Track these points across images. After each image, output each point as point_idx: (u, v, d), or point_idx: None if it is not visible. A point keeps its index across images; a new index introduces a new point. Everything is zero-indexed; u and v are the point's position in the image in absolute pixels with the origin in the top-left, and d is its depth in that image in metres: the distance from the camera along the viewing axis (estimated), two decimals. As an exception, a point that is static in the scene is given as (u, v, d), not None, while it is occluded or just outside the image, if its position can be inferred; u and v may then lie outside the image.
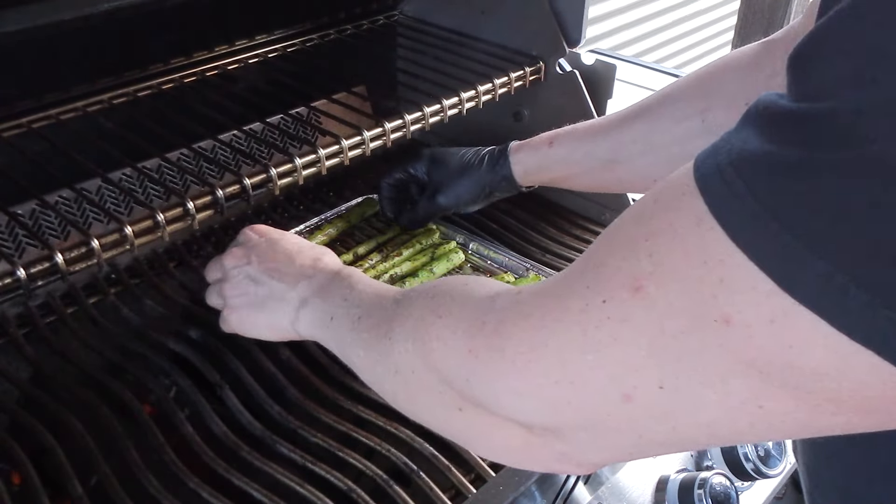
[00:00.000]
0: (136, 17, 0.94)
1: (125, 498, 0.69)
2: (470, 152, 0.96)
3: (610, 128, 0.84)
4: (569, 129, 0.88)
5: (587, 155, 0.85)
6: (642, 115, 0.82)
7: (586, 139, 0.86)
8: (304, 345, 0.88)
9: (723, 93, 0.75)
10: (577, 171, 0.90)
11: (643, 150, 0.82)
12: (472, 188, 0.96)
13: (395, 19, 1.26)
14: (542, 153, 0.89)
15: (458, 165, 0.96)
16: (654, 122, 0.80)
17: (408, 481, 0.73)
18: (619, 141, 0.83)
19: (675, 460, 0.91)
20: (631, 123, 0.82)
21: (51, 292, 0.95)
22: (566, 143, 0.87)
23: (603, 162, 0.85)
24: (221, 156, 1.09)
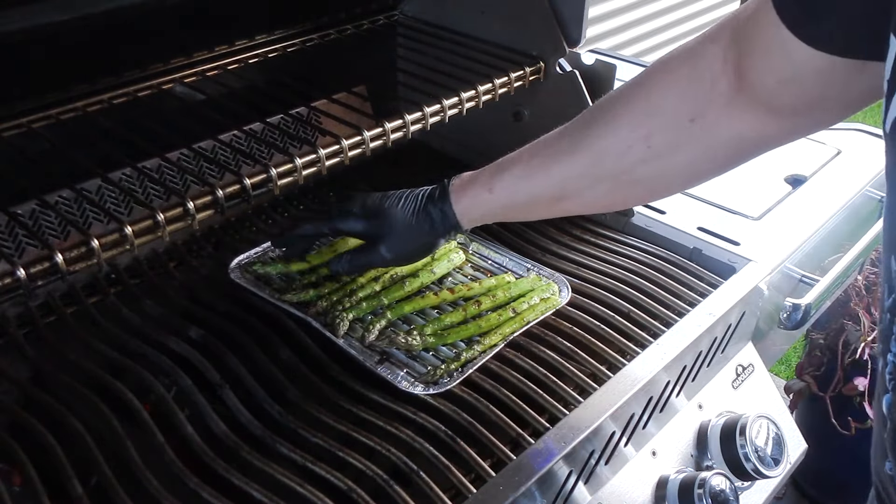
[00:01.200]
0: (136, 17, 0.94)
1: (125, 498, 0.69)
2: (405, 203, 0.88)
3: (549, 162, 0.79)
4: (506, 163, 0.83)
5: (531, 196, 0.82)
6: (583, 145, 0.77)
7: (526, 179, 0.81)
8: (303, 344, 0.88)
9: (665, 113, 0.72)
10: (522, 212, 0.88)
11: (590, 184, 0.79)
12: (417, 244, 0.89)
13: (395, 19, 1.26)
14: (483, 200, 0.84)
15: (399, 222, 0.87)
16: (598, 154, 0.76)
17: (408, 481, 0.73)
18: (563, 177, 0.79)
19: (676, 460, 0.91)
20: (571, 156, 0.78)
21: (51, 292, 0.95)
22: (507, 187, 0.82)
23: (548, 199, 0.82)
24: (221, 156, 1.09)
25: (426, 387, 0.83)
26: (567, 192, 0.80)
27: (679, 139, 0.73)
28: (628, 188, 0.80)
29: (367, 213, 0.89)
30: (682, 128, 0.72)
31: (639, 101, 0.75)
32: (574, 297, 0.97)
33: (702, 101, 0.71)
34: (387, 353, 0.88)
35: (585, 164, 0.78)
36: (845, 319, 1.70)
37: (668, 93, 0.72)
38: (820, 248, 1.15)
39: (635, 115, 0.74)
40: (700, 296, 0.99)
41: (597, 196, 0.81)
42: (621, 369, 0.86)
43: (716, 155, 0.74)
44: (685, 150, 0.74)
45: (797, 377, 1.81)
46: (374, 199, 0.90)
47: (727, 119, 0.70)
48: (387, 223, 0.88)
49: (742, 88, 0.69)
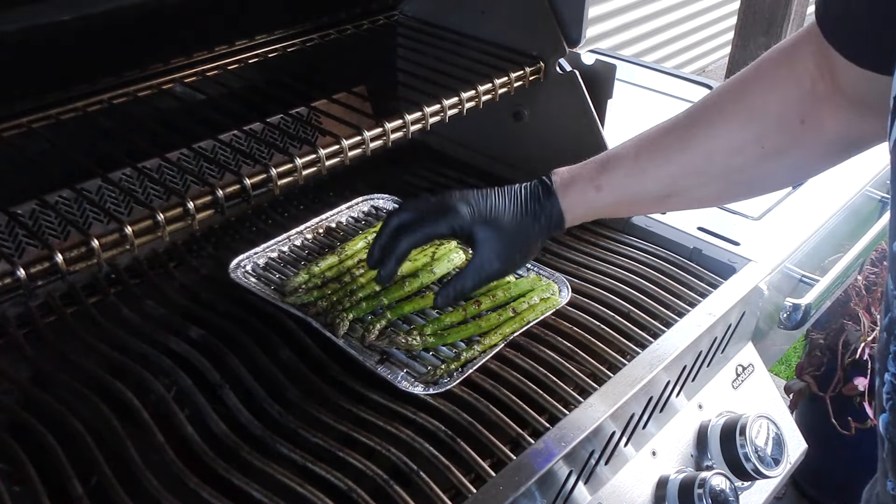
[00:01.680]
0: (136, 17, 0.94)
1: (125, 498, 0.69)
2: (514, 202, 0.83)
3: (659, 160, 0.78)
4: (612, 161, 0.81)
5: (639, 194, 0.81)
6: (693, 144, 0.77)
7: (634, 176, 0.80)
8: (303, 344, 0.88)
9: (773, 114, 0.73)
10: (627, 209, 0.88)
11: (700, 183, 0.79)
12: (525, 247, 0.84)
13: (395, 19, 1.26)
14: (590, 198, 0.82)
15: (508, 221, 0.82)
16: (709, 152, 0.76)
17: (408, 481, 0.73)
18: (671, 175, 0.79)
19: (675, 460, 0.91)
20: (681, 155, 0.77)
21: (51, 292, 0.95)
22: (614, 185, 0.81)
23: (656, 197, 0.82)
24: (221, 156, 1.09)
25: (426, 387, 0.83)
26: (676, 190, 0.80)
27: (791, 140, 0.74)
28: (737, 187, 0.81)
29: (478, 213, 0.82)
30: (795, 128, 0.73)
31: (745, 101, 0.75)
32: (574, 297, 0.97)
33: (807, 101, 0.71)
34: (387, 353, 0.88)
35: (695, 164, 0.78)
36: (845, 319, 1.70)
37: (774, 94, 0.73)
38: (820, 248, 1.15)
39: (744, 114, 0.75)
40: (700, 296, 0.99)
41: (706, 194, 0.81)
42: (621, 369, 0.85)
43: (824, 153, 0.75)
44: (797, 150, 0.74)
45: (797, 377, 1.81)
46: (477, 199, 0.83)
47: (833, 118, 0.71)
48: (497, 227, 0.82)
49: (837, 89, 0.69)
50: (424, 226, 0.82)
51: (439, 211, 0.82)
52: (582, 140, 1.10)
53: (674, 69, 1.62)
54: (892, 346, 0.53)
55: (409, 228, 0.83)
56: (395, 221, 0.83)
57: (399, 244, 0.83)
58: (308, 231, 1.08)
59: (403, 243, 0.82)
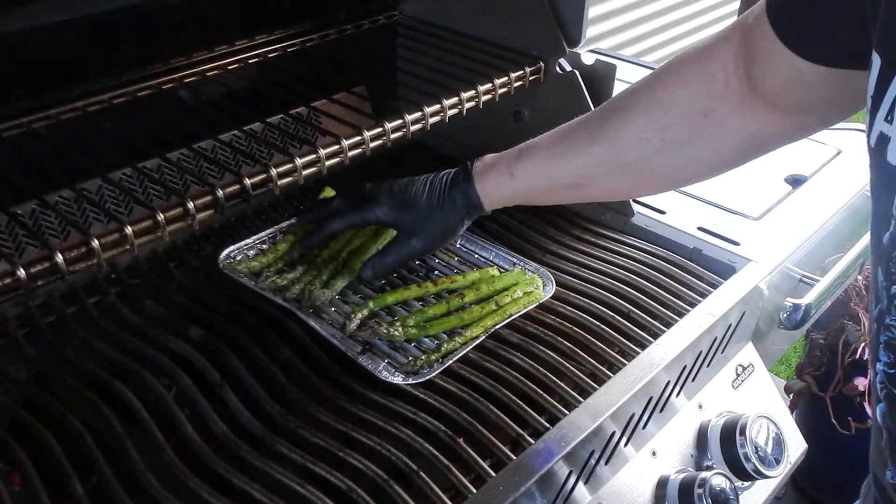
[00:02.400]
0: (137, 17, 0.94)
1: (125, 498, 0.69)
2: (431, 188, 0.90)
3: (570, 150, 0.83)
4: (527, 149, 0.86)
5: (550, 182, 0.85)
6: (601, 135, 0.80)
7: (546, 166, 0.84)
8: (303, 345, 0.88)
9: (678, 107, 0.76)
10: (541, 197, 0.91)
11: (607, 172, 0.82)
12: (444, 227, 0.91)
13: (395, 19, 1.26)
14: (504, 184, 0.87)
15: (425, 206, 0.90)
16: (615, 144, 0.80)
17: (408, 481, 0.73)
18: (581, 165, 0.82)
19: (675, 460, 0.91)
20: (590, 146, 0.81)
21: (51, 292, 0.95)
22: (527, 173, 0.85)
23: (567, 186, 0.85)
24: (221, 156, 1.09)
25: (406, 377, 0.84)
26: (585, 181, 0.84)
27: (693, 133, 0.76)
28: (643, 178, 0.83)
29: (397, 202, 0.90)
30: (696, 122, 0.75)
31: (655, 95, 0.78)
32: (574, 297, 0.97)
33: (715, 97, 0.73)
34: (369, 343, 0.89)
35: (603, 154, 0.81)
36: (845, 319, 1.70)
37: (683, 88, 0.75)
38: (820, 248, 1.15)
39: (652, 107, 0.77)
40: (700, 296, 0.99)
41: (613, 185, 0.85)
42: (621, 369, 0.86)
43: (729, 149, 0.76)
44: (699, 144, 0.76)
45: (797, 377, 1.81)
46: (400, 187, 0.91)
47: (740, 116, 0.73)
48: (417, 212, 0.90)
49: (752, 87, 0.71)
50: (352, 214, 0.93)
51: (365, 201, 0.92)
52: (582, 140, 1.10)
53: (674, 69, 1.62)
54: (882, 337, 0.53)
55: (342, 214, 0.93)
56: (332, 206, 0.95)
57: (330, 224, 0.94)
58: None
59: (334, 224, 0.93)
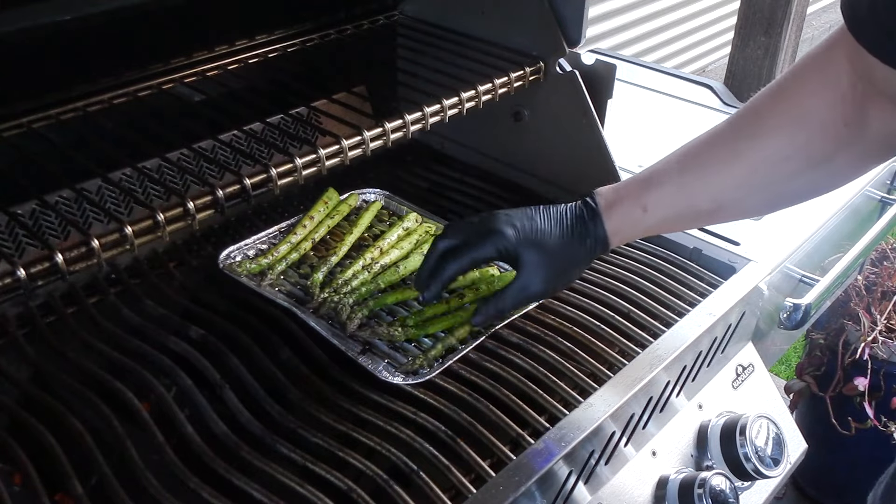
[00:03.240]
0: (136, 17, 0.94)
1: (125, 498, 0.69)
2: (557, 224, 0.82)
3: (705, 175, 0.77)
4: (655, 179, 0.80)
5: (686, 210, 0.80)
6: (737, 156, 0.76)
7: (681, 193, 0.78)
8: (303, 345, 0.88)
9: (816, 119, 0.72)
10: (675, 226, 0.87)
11: (747, 195, 0.78)
12: (571, 268, 0.84)
13: (395, 19, 1.26)
14: (636, 219, 0.81)
15: (554, 243, 0.81)
16: (754, 164, 0.75)
17: (408, 481, 0.73)
18: (718, 189, 0.78)
19: (676, 460, 0.91)
20: (727, 167, 0.76)
21: (51, 292, 0.95)
22: (661, 203, 0.79)
23: (704, 213, 0.81)
24: (221, 156, 1.09)
25: (406, 377, 0.84)
26: (724, 204, 0.79)
27: (835, 145, 0.73)
28: (784, 196, 0.80)
29: (522, 236, 0.81)
30: (837, 133, 0.72)
31: (787, 109, 0.74)
32: (574, 297, 0.97)
33: (848, 103, 0.71)
34: (369, 343, 0.89)
35: (742, 176, 0.76)
36: (845, 319, 1.70)
37: (814, 98, 0.72)
38: (820, 248, 1.15)
39: (787, 122, 0.74)
40: (700, 296, 0.99)
41: (753, 205, 0.81)
42: (621, 369, 0.86)
43: (868, 155, 0.74)
44: (841, 155, 0.73)
45: (797, 377, 1.81)
46: (522, 220, 0.82)
47: (876, 118, 0.70)
48: (543, 248, 0.81)
49: (876, 89, 0.69)
50: (470, 250, 0.82)
51: (484, 234, 0.81)
52: (582, 140, 1.10)
53: (674, 69, 1.62)
54: None
55: (455, 253, 0.83)
56: (442, 246, 0.84)
57: (445, 270, 0.83)
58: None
59: (449, 269, 0.83)
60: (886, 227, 1.22)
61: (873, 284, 1.70)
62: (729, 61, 2.74)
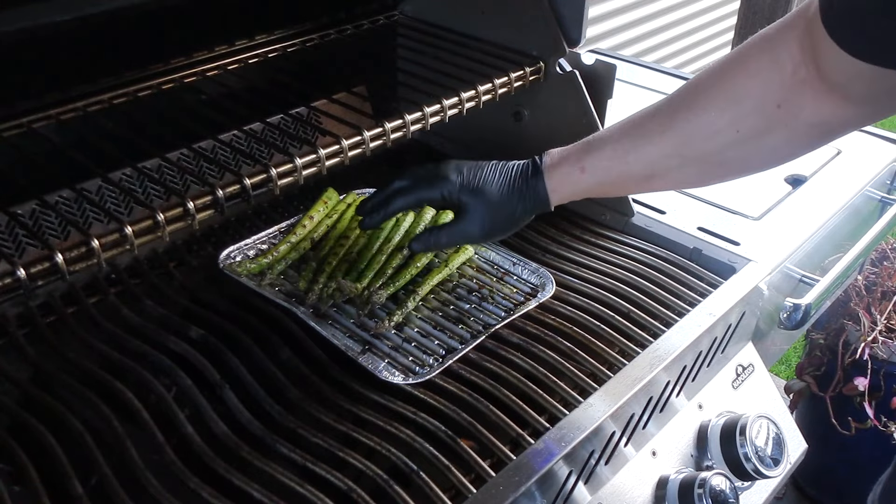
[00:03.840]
0: (136, 17, 0.94)
1: (125, 498, 0.69)
2: (501, 176, 0.88)
3: (641, 143, 0.82)
4: (596, 143, 0.85)
5: (621, 175, 0.84)
6: (672, 127, 0.80)
7: (617, 159, 0.83)
8: (304, 345, 0.88)
9: (751, 99, 0.75)
10: (610, 190, 0.90)
11: (679, 164, 0.81)
12: (508, 220, 0.89)
13: (395, 19, 1.26)
14: (574, 179, 0.86)
15: (495, 197, 0.87)
16: (687, 137, 0.79)
17: (408, 481, 0.73)
18: (652, 157, 0.82)
19: (676, 460, 0.91)
20: (661, 137, 0.81)
21: (51, 292, 0.95)
22: (598, 166, 0.84)
23: (638, 178, 0.85)
24: (221, 156, 1.09)
25: (406, 377, 0.84)
26: (657, 172, 0.83)
27: (766, 124, 0.75)
28: (714, 169, 0.83)
29: (466, 182, 0.88)
30: (770, 113, 0.74)
31: (725, 86, 0.77)
32: (574, 297, 0.98)
33: (786, 86, 0.73)
34: (369, 343, 0.89)
35: (674, 146, 0.80)
36: (845, 319, 1.70)
37: (753, 79, 0.74)
38: (820, 248, 1.15)
39: (722, 99, 0.77)
40: (700, 296, 0.99)
41: (684, 176, 0.84)
42: (621, 369, 0.86)
43: (802, 137, 0.76)
44: (772, 134, 0.76)
45: (797, 377, 1.81)
46: (470, 169, 0.89)
47: (812, 105, 0.72)
48: (484, 197, 0.87)
49: (820, 76, 0.70)
50: (418, 191, 0.89)
51: (432, 178, 0.88)
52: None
53: (674, 69, 1.62)
54: None
55: (404, 192, 0.90)
56: (395, 185, 0.91)
57: (392, 203, 0.90)
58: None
59: (397, 203, 0.90)
60: (886, 227, 1.23)
61: (873, 284, 1.70)
62: (729, 61, 2.74)
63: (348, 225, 1.06)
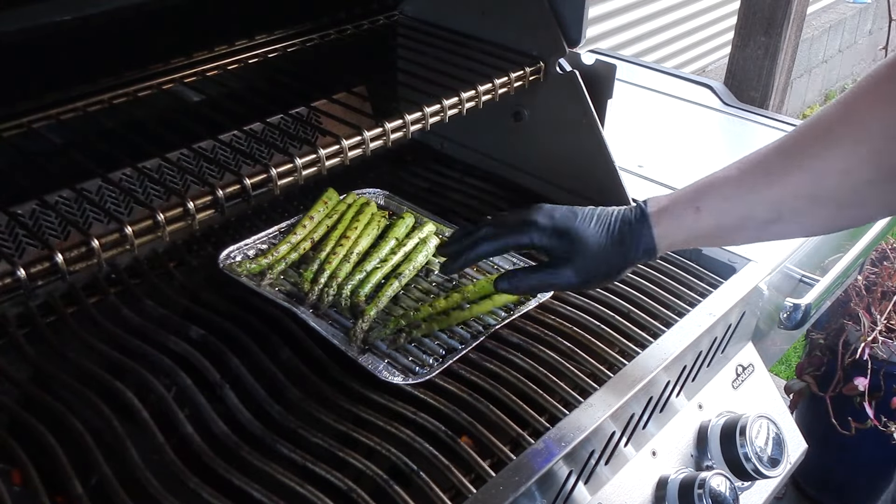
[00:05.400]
0: (136, 17, 0.94)
1: (125, 498, 0.69)
2: (599, 222, 0.81)
3: (765, 181, 0.74)
4: (712, 183, 0.77)
5: (742, 218, 0.76)
6: (802, 161, 0.72)
7: (738, 198, 0.75)
8: (304, 345, 0.88)
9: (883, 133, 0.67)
10: (729, 237, 0.81)
11: (808, 206, 0.73)
12: (608, 269, 0.81)
13: (395, 19, 1.26)
14: (688, 223, 0.78)
15: (592, 243, 0.80)
16: (818, 173, 0.71)
17: (408, 481, 0.73)
18: (778, 197, 0.73)
19: (676, 460, 0.91)
20: (788, 175, 0.72)
21: (51, 292, 0.95)
22: (715, 207, 0.76)
23: (760, 223, 0.76)
24: (221, 156, 1.09)
25: (406, 377, 0.84)
26: (783, 215, 0.75)
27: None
28: (849, 211, 0.74)
29: (557, 228, 0.81)
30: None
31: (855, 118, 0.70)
32: (574, 297, 0.98)
33: None
34: (369, 344, 0.89)
35: (803, 183, 0.72)
36: (845, 319, 1.71)
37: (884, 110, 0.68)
38: (820, 248, 1.15)
39: (855, 132, 0.69)
40: (700, 296, 0.99)
41: (815, 220, 0.75)
42: (621, 369, 0.86)
43: None
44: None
45: (797, 377, 1.81)
46: (563, 214, 0.82)
47: None
48: (578, 243, 0.80)
49: None
50: (505, 236, 0.84)
51: (521, 225, 0.83)
52: (582, 140, 1.10)
53: (674, 69, 1.62)
54: None
55: (490, 238, 0.84)
56: (482, 232, 0.85)
57: (477, 249, 0.84)
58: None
59: (481, 248, 0.84)
60: (886, 227, 1.23)
61: (873, 284, 1.70)
62: (729, 61, 2.74)
63: (349, 225, 1.06)
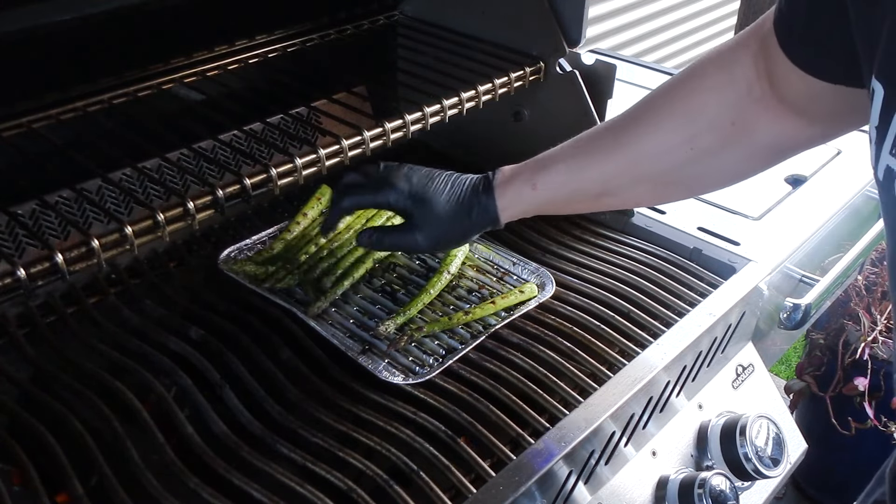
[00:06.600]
0: (136, 17, 0.94)
1: (125, 498, 0.69)
2: (453, 190, 0.86)
3: (593, 160, 0.80)
4: (548, 161, 0.83)
5: (573, 192, 0.82)
6: (624, 143, 0.78)
7: (569, 175, 0.81)
8: (304, 345, 0.88)
9: (705, 116, 0.74)
10: (563, 207, 0.89)
11: (632, 182, 0.80)
12: (455, 235, 0.87)
13: (395, 19, 1.26)
14: (526, 196, 0.84)
15: (443, 209, 0.85)
16: (639, 154, 0.78)
17: (408, 481, 0.73)
18: (604, 175, 0.80)
19: (676, 460, 0.91)
20: (613, 154, 0.79)
21: (51, 292, 0.95)
22: (549, 183, 0.82)
23: (589, 196, 0.83)
24: (221, 156, 1.09)
25: (406, 377, 0.84)
26: (609, 190, 0.82)
27: (721, 142, 0.75)
28: (668, 188, 0.82)
29: (415, 192, 0.85)
30: (725, 130, 0.74)
31: (679, 104, 0.76)
32: (574, 297, 0.98)
33: (742, 105, 0.72)
34: (369, 343, 0.89)
35: (626, 164, 0.79)
36: (845, 319, 1.71)
37: (707, 95, 0.74)
38: (820, 248, 1.15)
39: (676, 117, 0.76)
40: (700, 296, 0.99)
41: (637, 194, 0.84)
42: (621, 369, 0.86)
43: (756, 156, 0.76)
44: (727, 153, 0.75)
45: (797, 377, 1.81)
46: (420, 178, 0.86)
47: (766, 123, 0.72)
48: (430, 208, 0.85)
49: (774, 95, 0.70)
50: (367, 192, 0.87)
51: (382, 183, 0.86)
52: (582, 140, 1.10)
53: (674, 69, 1.62)
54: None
55: (355, 191, 0.88)
56: (346, 179, 0.89)
57: (341, 202, 0.88)
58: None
59: (344, 202, 0.88)
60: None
61: (873, 284, 1.70)
62: (729, 61, 2.74)
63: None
